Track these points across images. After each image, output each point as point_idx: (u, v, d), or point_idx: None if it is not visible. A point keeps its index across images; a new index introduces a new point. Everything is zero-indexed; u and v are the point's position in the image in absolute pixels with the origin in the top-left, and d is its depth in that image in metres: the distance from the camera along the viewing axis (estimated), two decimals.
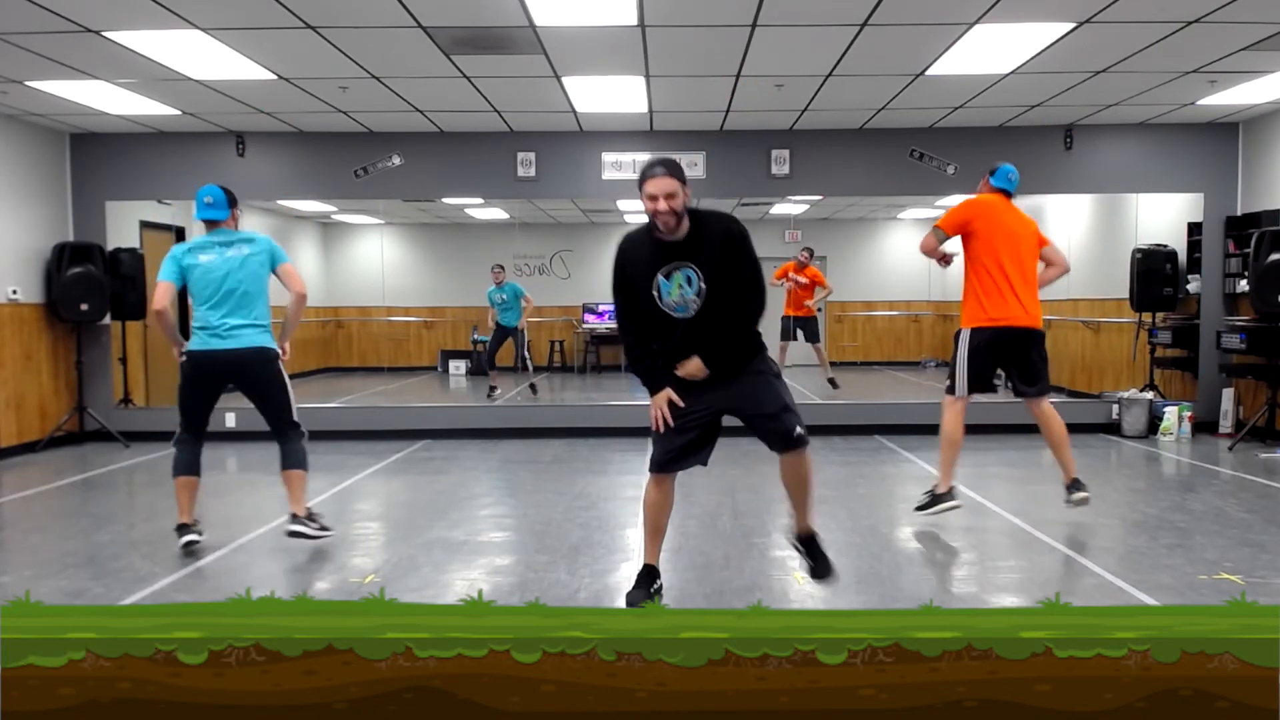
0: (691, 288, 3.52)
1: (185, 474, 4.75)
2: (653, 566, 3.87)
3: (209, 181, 5.01)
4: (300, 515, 4.76)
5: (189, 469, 4.76)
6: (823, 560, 3.88)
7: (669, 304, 3.55)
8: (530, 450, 8.02)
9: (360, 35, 5.82)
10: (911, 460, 7.43)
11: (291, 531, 4.75)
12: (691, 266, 3.51)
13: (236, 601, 2.00)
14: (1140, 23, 5.66)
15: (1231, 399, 8.44)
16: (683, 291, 3.52)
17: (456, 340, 15.09)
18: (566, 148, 8.87)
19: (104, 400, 8.78)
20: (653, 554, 3.88)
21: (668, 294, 3.53)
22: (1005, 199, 5.11)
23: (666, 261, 3.53)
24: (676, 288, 3.52)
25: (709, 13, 5.46)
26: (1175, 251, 8.99)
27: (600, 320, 15.07)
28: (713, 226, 3.56)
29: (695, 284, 3.51)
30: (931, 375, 13.92)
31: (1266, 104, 7.85)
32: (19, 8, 5.18)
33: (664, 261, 3.53)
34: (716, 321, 3.57)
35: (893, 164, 8.87)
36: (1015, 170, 5.19)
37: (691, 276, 3.52)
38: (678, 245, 3.54)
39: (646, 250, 3.58)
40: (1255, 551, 4.63)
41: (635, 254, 3.61)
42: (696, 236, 3.54)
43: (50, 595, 4.08)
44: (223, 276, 4.56)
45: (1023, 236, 5.01)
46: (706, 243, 3.53)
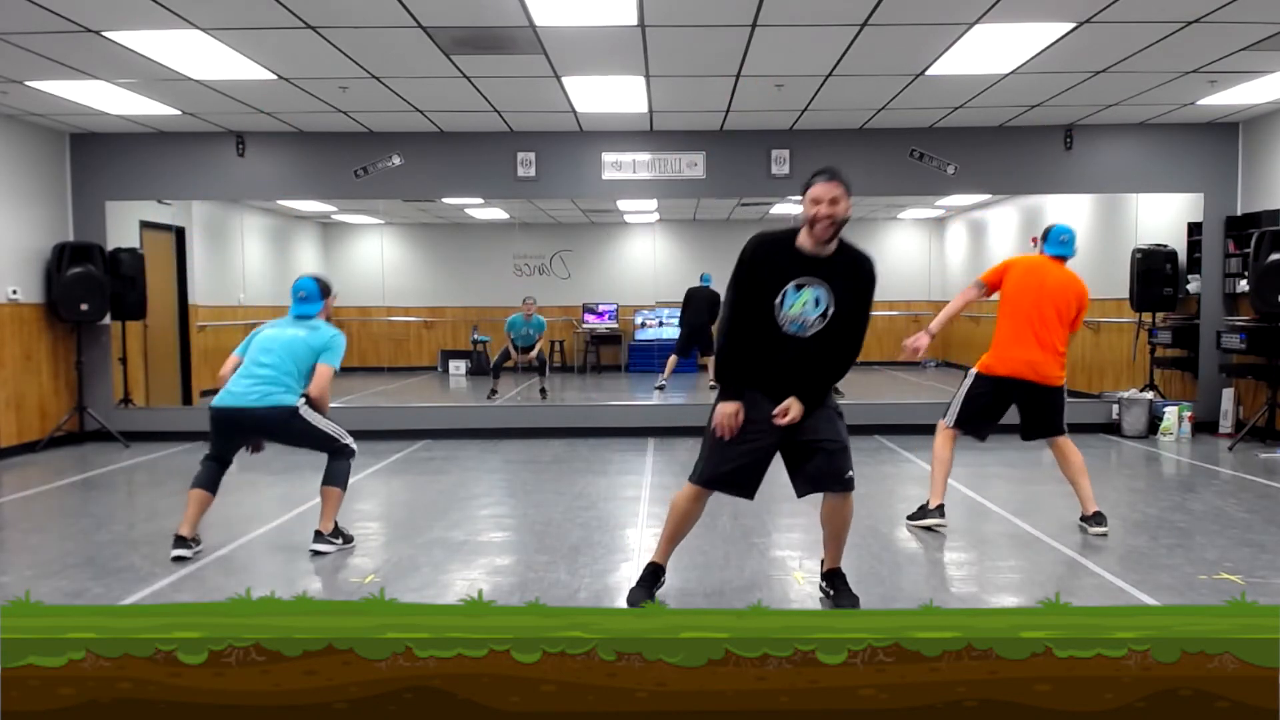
0: (818, 308, 3.41)
1: (201, 488, 4.73)
2: (660, 566, 3.86)
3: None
4: (325, 532, 4.75)
5: (206, 485, 4.74)
6: (847, 595, 3.80)
7: (787, 317, 3.41)
8: (530, 450, 8.02)
9: (360, 35, 5.82)
10: (911, 460, 7.43)
11: (314, 550, 4.72)
12: (825, 287, 3.40)
13: (236, 601, 2.00)
14: (1140, 23, 5.66)
15: (1231, 399, 8.44)
16: (805, 310, 3.40)
17: (456, 340, 15.10)
18: (566, 148, 8.87)
19: (104, 400, 8.78)
20: (664, 555, 3.86)
21: (790, 307, 3.40)
22: (1053, 261, 5.09)
23: (803, 273, 3.40)
24: (801, 304, 3.40)
25: (709, 13, 5.46)
26: (1175, 251, 8.99)
27: (600, 320, 15.08)
28: (858, 258, 3.49)
29: (822, 305, 3.41)
30: (931, 375, 13.92)
31: (1266, 104, 7.85)
32: (19, 8, 5.18)
33: (801, 273, 3.40)
34: (823, 351, 3.47)
35: (893, 164, 8.87)
36: (1068, 230, 5.13)
37: (821, 297, 3.40)
38: (819, 262, 3.42)
39: (785, 256, 3.42)
40: (1255, 551, 4.63)
41: (772, 255, 3.43)
42: (840, 260, 3.44)
43: (50, 595, 4.08)
44: (270, 343, 4.70)
45: (1055, 302, 4.98)
46: (847, 270, 3.44)
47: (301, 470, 6.76)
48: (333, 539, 4.78)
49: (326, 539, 4.75)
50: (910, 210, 14.93)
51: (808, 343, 3.44)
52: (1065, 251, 5.11)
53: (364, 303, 14.83)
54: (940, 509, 5.14)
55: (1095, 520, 4.97)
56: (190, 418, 9.25)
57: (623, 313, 15.07)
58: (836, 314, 3.42)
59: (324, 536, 4.74)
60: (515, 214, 13.19)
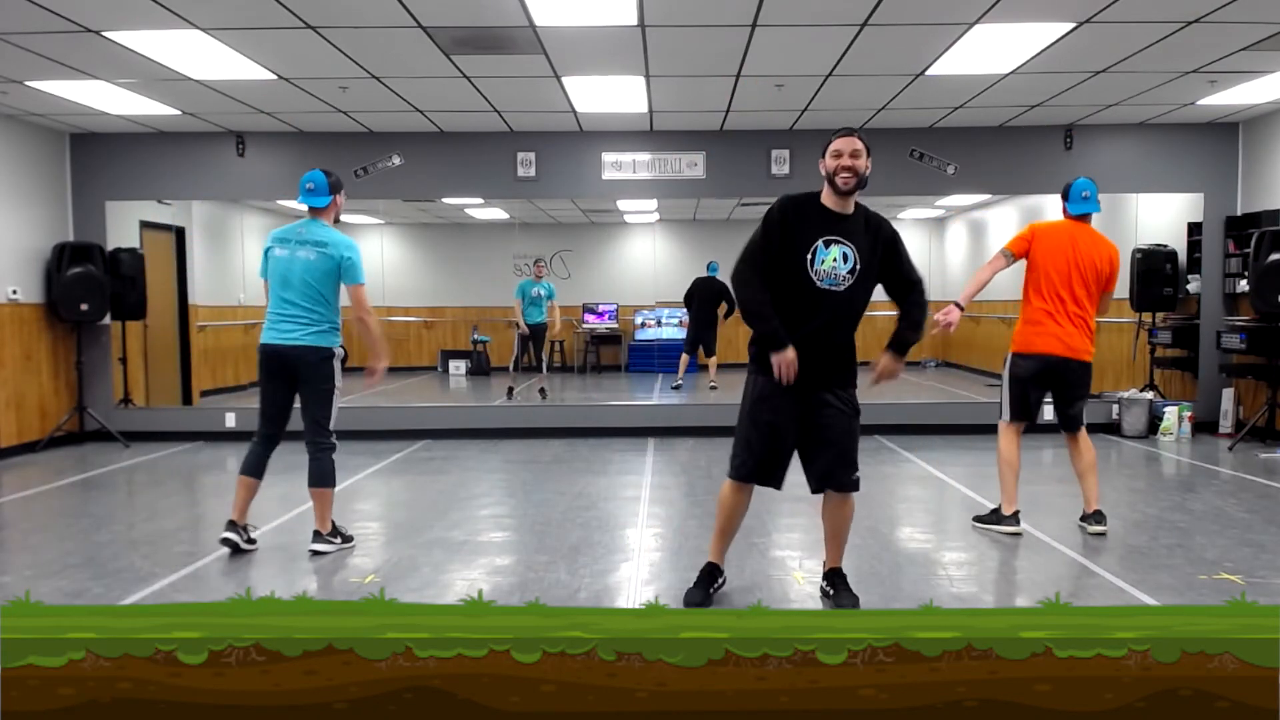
0: (846, 264, 3.53)
1: (246, 473, 4.71)
2: (717, 565, 3.90)
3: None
4: (323, 532, 4.74)
5: (251, 470, 4.71)
6: (847, 595, 3.82)
7: (820, 272, 3.51)
8: (530, 450, 8.02)
9: (360, 35, 5.82)
10: (911, 460, 7.43)
11: (313, 550, 4.71)
12: (850, 245, 3.54)
13: (236, 601, 2.00)
14: (1140, 23, 5.66)
15: (1231, 399, 8.44)
16: (836, 265, 3.52)
17: (457, 340, 15.10)
18: (566, 148, 8.87)
19: (104, 400, 8.78)
20: (719, 553, 3.90)
21: (821, 262, 3.51)
22: (1078, 224, 4.92)
23: (830, 231, 3.53)
24: (831, 259, 3.51)
25: (709, 13, 5.46)
26: (1175, 251, 8.99)
27: (600, 320, 15.08)
28: (875, 218, 3.66)
29: (850, 261, 3.53)
30: (932, 375, 13.91)
31: (1266, 104, 7.85)
32: (19, 8, 5.18)
33: (828, 231, 3.53)
34: (856, 306, 3.61)
35: (893, 164, 8.87)
36: (1090, 185, 4.92)
37: (848, 253, 3.53)
38: (843, 219, 3.57)
39: (813, 214, 3.56)
40: (1255, 551, 4.63)
41: (800, 214, 3.56)
42: (860, 219, 3.60)
43: (50, 595, 4.08)
44: (285, 273, 4.59)
45: (1085, 271, 4.83)
46: (868, 228, 3.60)
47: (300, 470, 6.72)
48: (331, 538, 4.77)
49: (325, 538, 4.74)
50: (910, 210, 14.93)
51: (843, 296, 3.55)
52: (1091, 208, 4.91)
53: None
54: (1015, 516, 4.98)
55: (1094, 519, 4.97)
56: (190, 418, 9.26)
57: (623, 313, 15.07)
58: (863, 270, 3.55)
59: (323, 536, 4.74)
60: (515, 214, 13.18)
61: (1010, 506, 4.99)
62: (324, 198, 4.68)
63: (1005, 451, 5.05)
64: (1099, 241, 4.92)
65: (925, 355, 15.34)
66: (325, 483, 4.74)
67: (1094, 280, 4.86)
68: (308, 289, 4.58)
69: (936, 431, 8.70)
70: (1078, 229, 4.91)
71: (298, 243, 4.63)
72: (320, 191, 4.68)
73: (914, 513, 5.80)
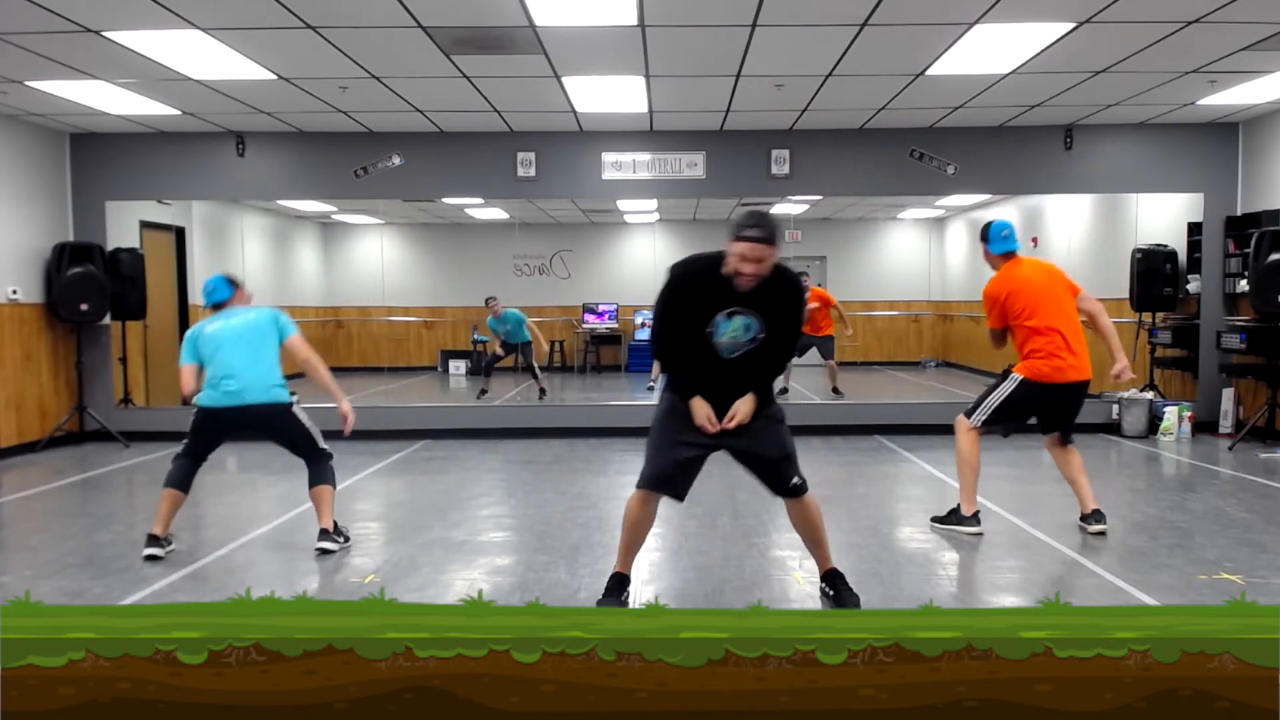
0: (748, 334, 3.52)
1: (174, 487, 4.73)
2: (625, 575, 3.82)
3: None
4: (329, 530, 4.80)
5: (179, 484, 4.75)
6: (849, 595, 3.81)
7: (720, 343, 3.52)
8: (530, 450, 8.02)
9: (360, 35, 5.82)
10: (911, 460, 7.43)
11: (320, 549, 4.75)
12: (755, 316, 3.50)
13: (236, 601, 2.00)
14: (1140, 23, 5.66)
15: (1231, 399, 8.44)
16: (735, 336, 3.51)
17: (456, 340, 15.10)
18: (566, 148, 8.87)
19: (104, 400, 8.78)
20: (626, 563, 3.83)
21: (722, 334, 3.51)
22: (1013, 260, 5.00)
23: (732, 304, 3.49)
24: (733, 330, 3.50)
25: (709, 13, 5.46)
26: (1175, 251, 8.99)
27: (600, 320, 15.08)
28: (784, 284, 3.54)
29: (752, 332, 3.52)
30: (931, 375, 13.92)
31: (1266, 104, 7.85)
32: (19, 8, 5.18)
33: (730, 304, 3.49)
34: (755, 367, 3.60)
35: (893, 164, 8.87)
36: (1007, 225, 5.04)
37: (751, 324, 3.51)
38: (747, 293, 3.48)
39: (713, 286, 3.48)
40: (1255, 551, 4.63)
41: (699, 285, 3.51)
42: (768, 289, 3.48)
43: (50, 595, 4.08)
44: (225, 339, 4.70)
45: (1055, 288, 4.92)
46: (775, 297, 3.51)
47: (300, 470, 6.73)
48: (336, 536, 4.81)
49: (331, 536, 4.78)
50: (910, 210, 14.93)
51: (740, 363, 3.56)
52: (1012, 246, 5.01)
53: (364, 303, 14.84)
54: (976, 516, 5.01)
55: (1094, 518, 4.97)
56: (190, 418, 9.24)
57: (623, 313, 15.07)
58: (766, 338, 3.54)
59: (329, 534, 4.77)
60: (515, 214, 13.19)
61: (970, 507, 5.02)
62: (227, 292, 4.91)
63: (968, 454, 5.06)
64: (1049, 267, 5.11)
65: (925, 355, 15.34)
66: (327, 480, 4.86)
67: (1068, 291, 4.95)
68: (254, 348, 4.70)
69: (936, 431, 8.68)
70: (1017, 262, 5.00)
71: (226, 318, 4.81)
72: (221, 289, 4.91)
73: (914, 513, 5.80)
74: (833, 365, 11.02)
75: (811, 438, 8.50)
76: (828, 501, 5.89)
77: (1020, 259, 5.03)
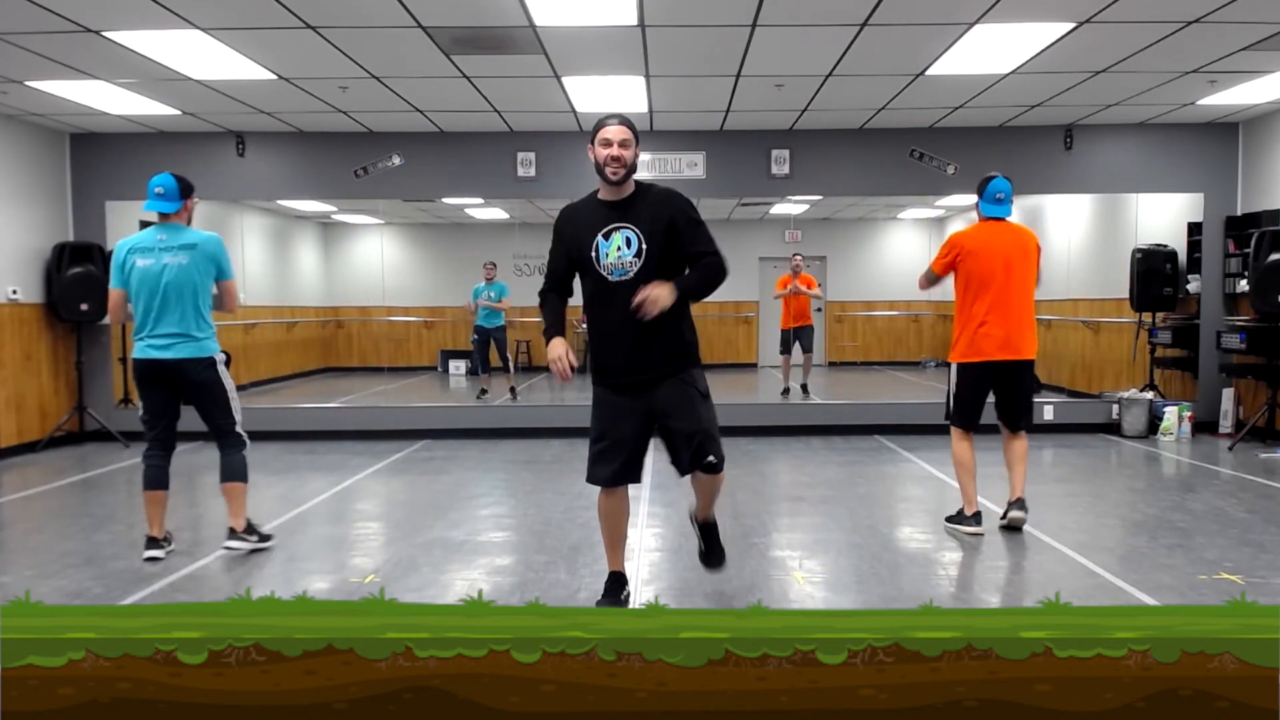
0: (630, 249, 3.48)
1: (153, 488, 4.62)
2: (620, 573, 3.81)
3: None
4: (238, 530, 4.69)
5: (156, 483, 4.62)
6: (717, 550, 3.91)
7: (607, 266, 3.49)
8: (530, 450, 8.02)
9: (360, 35, 5.82)
10: (911, 460, 7.43)
11: (227, 546, 4.68)
12: (630, 227, 3.50)
13: (236, 601, 2.00)
14: (1140, 23, 5.66)
15: (1231, 399, 8.44)
16: (620, 253, 3.48)
17: (456, 340, 15.09)
18: (566, 148, 8.87)
19: (104, 400, 8.78)
20: (617, 560, 3.81)
21: (605, 256, 3.49)
22: (995, 223, 4.92)
23: (607, 223, 3.51)
24: (615, 249, 3.48)
25: (709, 13, 5.46)
26: (1175, 251, 8.99)
27: None
28: (653, 191, 3.62)
29: (635, 244, 3.48)
30: (931, 375, 13.91)
31: (1266, 104, 7.85)
32: (19, 8, 5.18)
33: (605, 223, 3.51)
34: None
35: (893, 164, 8.87)
36: (1004, 183, 4.92)
37: (631, 238, 3.49)
38: (618, 206, 3.54)
39: (588, 214, 3.57)
40: (1255, 551, 4.63)
41: (576, 218, 3.59)
42: (637, 199, 3.57)
43: (50, 595, 4.08)
44: (153, 284, 4.43)
45: (1015, 264, 4.83)
46: (646, 204, 3.55)
47: (300, 470, 6.76)
48: (247, 535, 4.72)
49: (240, 535, 4.69)
50: (910, 210, 14.92)
51: (635, 284, 3.45)
52: (1004, 211, 4.93)
53: (364, 303, 14.84)
54: (976, 516, 5.01)
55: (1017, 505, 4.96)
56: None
57: None
58: (651, 247, 3.48)
59: (237, 533, 4.68)
60: (515, 214, 13.19)
61: (970, 507, 5.02)
62: (174, 203, 4.51)
63: (958, 454, 5.09)
64: (1022, 232, 4.95)
65: (925, 355, 15.34)
66: (239, 477, 4.68)
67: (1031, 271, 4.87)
68: (181, 300, 4.44)
69: (936, 431, 8.69)
70: (994, 226, 4.92)
71: (162, 249, 4.45)
72: (170, 196, 4.50)
73: (914, 513, 5.80)
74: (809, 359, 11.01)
75: (811, 438, 8.50)
76: (828, 501, 5.91)
77: (1003, 226, 4.92)
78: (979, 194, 4.98)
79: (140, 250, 4.47)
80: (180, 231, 4.52)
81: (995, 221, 4.93)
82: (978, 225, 4.99)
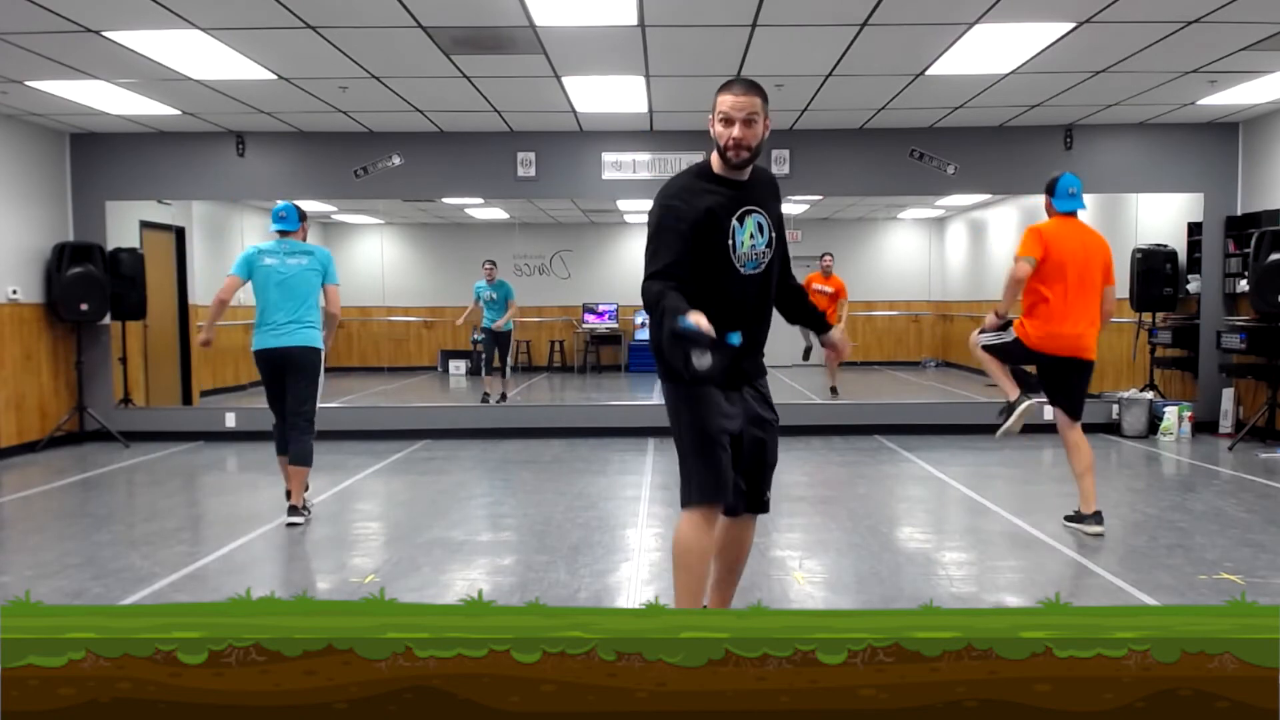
0: (763, 237, 2.89)
1: (281, 453, 5.37)
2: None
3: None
4: (299, 506, 5.30)
5: (282, 449, 5.36)
6: None
7: (741, 256, 2.84)
8: (530, 450, 8.02)
9: (360, 35, 5.82)
10: (911, 460, 7.43)
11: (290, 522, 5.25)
12: (761, 212, 2.89)
13: (236, 601, 2.00)
14: (1140, 23, 5.66)
15: (1231, 399, 8.44)
16: (754, 242, 2.86)
17: (456, 340, 15.08)
18: (566, 148, 8.87)
19: (104, 400, 8.78)
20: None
21: (741, 244, 2.84)
22: (1072, 220, 4.88)
23: (738, 205, 2.86)
24: (749, 236, 2.86)
25: (709, 13, 5.46)
26: (1175, 251, 8.99)
27: (600, 320, 15.07)
28: (766, 172, 3.05)
29: (766, 233, 2.90)
30: (931, 375, 13.91)
31: (1266, 104, 7.85)
32: (19, 8, 5.18)
33: (738, 205, 2.86)
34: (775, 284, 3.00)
35: (893, 164, 8.87)
36: (1075, 182, 4.85)
37: (762, 224, 2.89)
38: (745, 187, 2.90)
39: (711, 194, 2.84)
40: (1255, 551, 4.63)
41: (699, 198, 2.82)
42: (758, 180, 2.95)
43: (50, 595, 4.08)
44: (280, 281, 5.24)
45: (1095, 267, 4.82)
46: (768, 188, 2.98)
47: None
48: (305, 510, 5.34)
49: (301, 510, 5.29)
50: (910, 210, 14.92)
51: (764, 278, 2.93)
52: (1079, 205, 4.89)
53: (364, 303, 14.83)
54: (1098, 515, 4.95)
55: (1094, 519, 4.95)
56: (190, 418, 9.25)
57: (623, 313, 15.06)
58: (778, 239, 2.96)
59: (298, 509, 5.28)
60: (515, 214, 13.19)
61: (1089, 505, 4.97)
62: (295, 224, 5.42)
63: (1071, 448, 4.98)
64: (1098, 237, 4.93)
65: (925, 355, 15.34)
66: (308, 461, 5.29)
67: (1105, 274, 4.86)
68: (298, 294, 5.25)
69: (936, 431, 8.70)
70: (1076, 224, 4.89)
71: (286, 254, 5.30)
72: (291, 220, 5.41)
73: (914, 513, 5.80)
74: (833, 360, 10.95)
75: (811, 438, 8.50)
76: (828, 501, 5.91)
77: (1078, 224, 4.90)
78: (1049, 193, 4.93)
79: (268, 253, 5.32)
80: (300, 244, 5.42)
81: (1070, 218, 4.90)
82: (1054, 220, 4.92)
